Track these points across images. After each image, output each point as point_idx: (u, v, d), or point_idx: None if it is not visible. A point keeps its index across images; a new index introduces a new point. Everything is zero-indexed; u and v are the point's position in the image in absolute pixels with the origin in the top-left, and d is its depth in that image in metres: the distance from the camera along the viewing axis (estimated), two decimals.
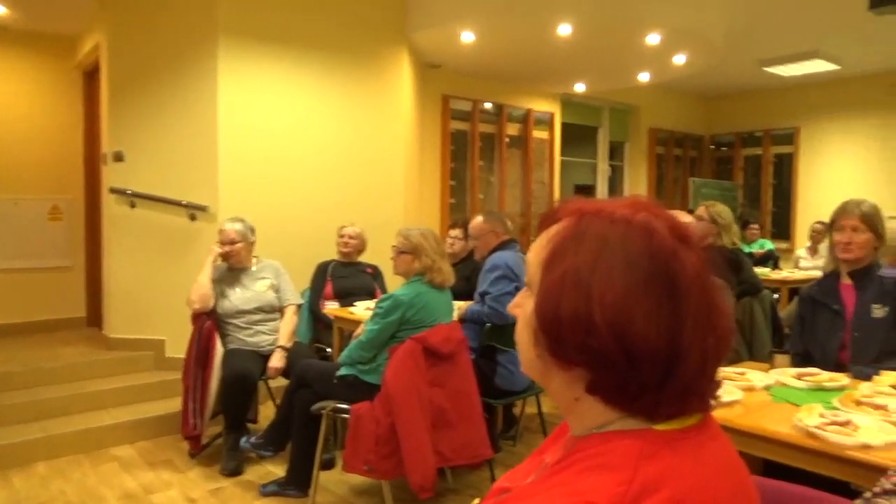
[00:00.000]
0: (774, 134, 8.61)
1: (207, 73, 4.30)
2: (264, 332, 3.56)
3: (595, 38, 5.16)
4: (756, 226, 7.43)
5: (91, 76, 5.19)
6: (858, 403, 1.77)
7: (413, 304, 2.81)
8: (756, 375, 2.11)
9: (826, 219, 7.15)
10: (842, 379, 2.08)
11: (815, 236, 6.60)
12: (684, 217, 3.61)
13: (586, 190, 8.53)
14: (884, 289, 2.50)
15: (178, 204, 4.29)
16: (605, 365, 0.69)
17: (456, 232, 4.42)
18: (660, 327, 0.68)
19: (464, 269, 4.19)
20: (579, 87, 7.00)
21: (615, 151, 8.51)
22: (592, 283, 0.69)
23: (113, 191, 4.40)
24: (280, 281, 3.70)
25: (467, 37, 5.10)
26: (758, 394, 1.98)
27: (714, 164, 9.31)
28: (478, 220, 3.78)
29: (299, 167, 4.68)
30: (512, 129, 7.03)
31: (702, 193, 8.29)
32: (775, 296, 6.08)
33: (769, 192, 8.67)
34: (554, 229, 0.76)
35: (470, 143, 6.67)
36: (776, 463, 1.68)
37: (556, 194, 7.43)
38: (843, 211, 2.57)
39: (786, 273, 5.98)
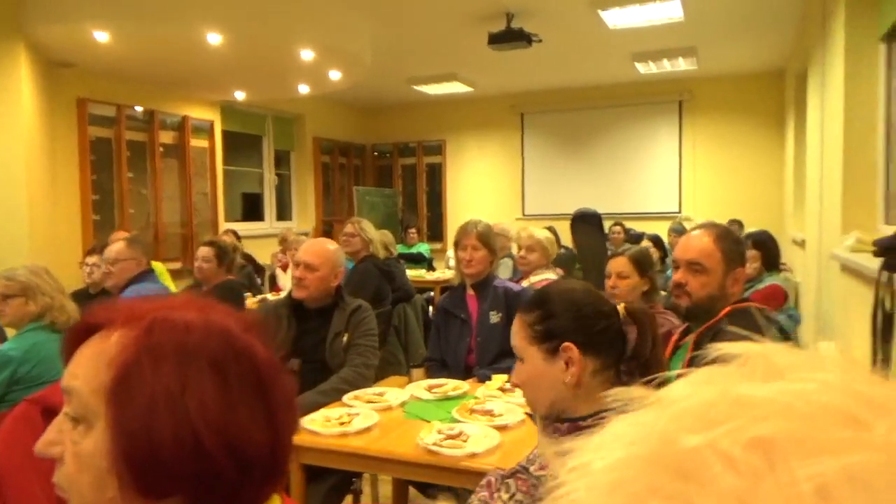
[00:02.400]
0: (426, 145, 9.52)
1: None
2: None
3: (248, 49, 5.05)
4: (414, 230, 8.11)
5: None
6: (472, 412, 2.02)
7: (27, 360, 2.40)
8: (393, 394, 2.27)
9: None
10: (463, 386, 2.36)
11: None
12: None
13: (254, 199, 8.35)
14: (498, 297, 2.92)
15: None
16: (214, 482, 0.64)
17: (94, 258, 3.92)
18: (261, 426, 0.67)
19: (106, 300, 3.74)
20: (239, 95, 6.80)
21: (281, 160, 8.49)
22: (188, 401, 0.63)
23: None
24: None
25: (101, 36, 4.54)
26: (394, 412, 2.14)
27: (376, 173, 9.93)
28: (119, 245, 3.41)
29: None
30: (167, 137, 6.51)
31: (366, 201, 8.76)
32: (431, 294, 6.75)
33: (424, 198, 9.56)
34: (110, 348, 0.66)
35: (116, 152, 5.99)
36: None
37: (221, 205, 7.13)
38: (464, 232, 2.93)
39: (438, 274, 6.63)
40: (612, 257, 2.72)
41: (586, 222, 4.25)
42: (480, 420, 1.95)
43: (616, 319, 1.24)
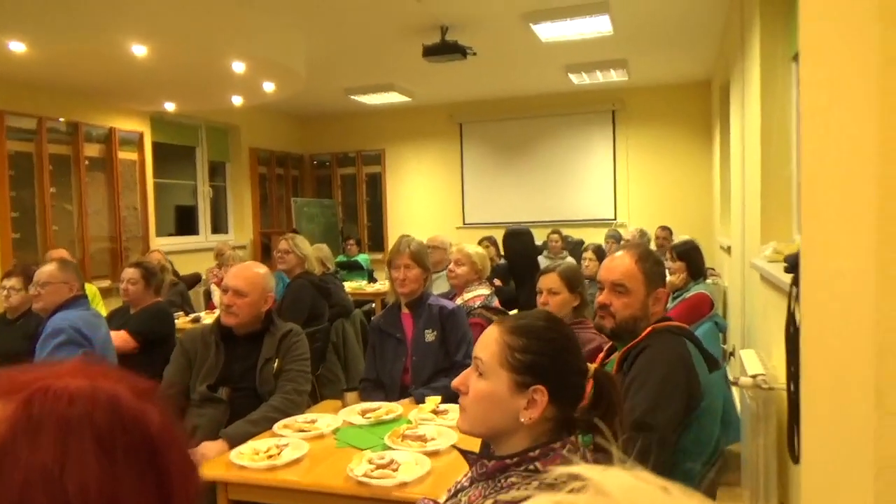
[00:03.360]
0: (365, 155, 9.47)
1: None
2: None
3: (176, 61, 4.92)
4: (353, 241, 8.05)
5: None
6: (404, 438, 2.01)
7: None
8: (325, 420, 2.24)
9: (407, 233, 7.94)
10: (397, 409, 2.35)
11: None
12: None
13: (188, 211, 8.12)
14: (432, 315, 2.92)
15: None
16: None
17: (12, 282, 3.73)
18: (150, 499, 0.64)
19: (25, 327, 3.57)
20: (170, 106, 6.61)
21: (217, 171, 8.29)
22: (66, 481, 0.59)
23: None
24: None
25: (16, 46, 4.34)
26: (326, 441, 2.11)
27: (315, 183, 9.80)
28: (51, 267, 3.24)
29: None
30: (92, 150, 6.27)
31: (304, 212, 8.65)
32: (372, 305, 6.70)
33: (364, 208, 9.50)
34: None
35: (37, 166, 5.73)
36: None
37: (152, 218, 6.90)
38: (397, 251, 2.92)
39: (379, 285, 6.60)
40: (542, 273, 2.75)
41: (517, 239, 4.30)
42: (412, 446, 1.94)
43: (586, 378, 1.23)
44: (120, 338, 3.61)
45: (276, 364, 2.42)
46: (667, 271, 4.40)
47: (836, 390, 0.83)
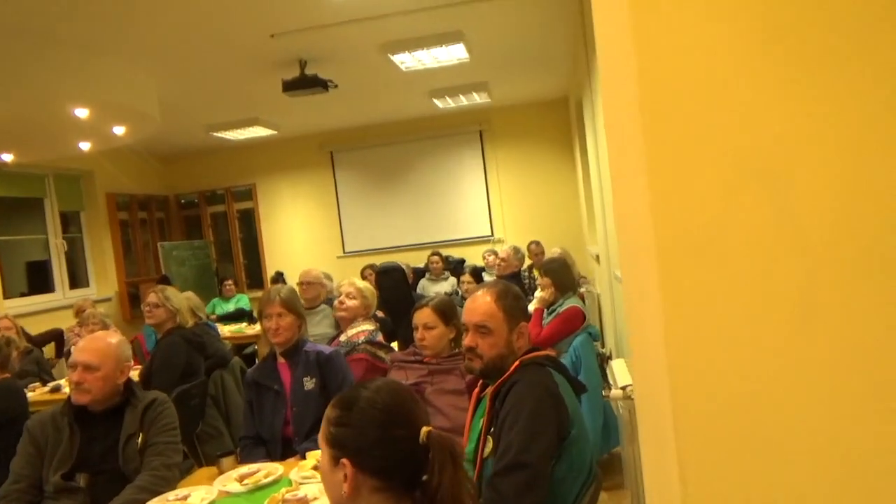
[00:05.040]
0: (235, 191, 9.14)
1: None
2: None
3: (10, 110, 4.52)
4: (230, 281, 7.72)
5: None
6: (284, 503, 1.92)
7: None
8: (199, 493, 2.11)
9: (286, 267, 7.72)
10: (277, 470, 2.25)
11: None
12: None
13: (41, 267, 7.45)
14: (310, 362, 2.84)
15: None
16: None
17: None
18: None
19: None
20: (7, 157, 6.06)
21: (70, 222, 7.68)
22: None
23: None
24: None
25: None
26: None
27: (184, 224, 9.33)
28: None
29: None
30: None
31: (174, 256, 8.20)
32: (255, 347, 6.45)
33: (239, 245, 9.16)
34: None
35: None
36: None
37: None
38: (267, 300, 2.82)
39: (258, 326, 6.34)
40: (416, 309, 2.75)
41: (388, 276, 4.30)
42: None
43: (411, 444, 1.20)
44: None
45: (140, 439, 2.25)
46: (538, 288, 4.56)
47: (648, 396, 0.88)
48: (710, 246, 0.69)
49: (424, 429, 1.21)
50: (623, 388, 2.54)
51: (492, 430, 1.78)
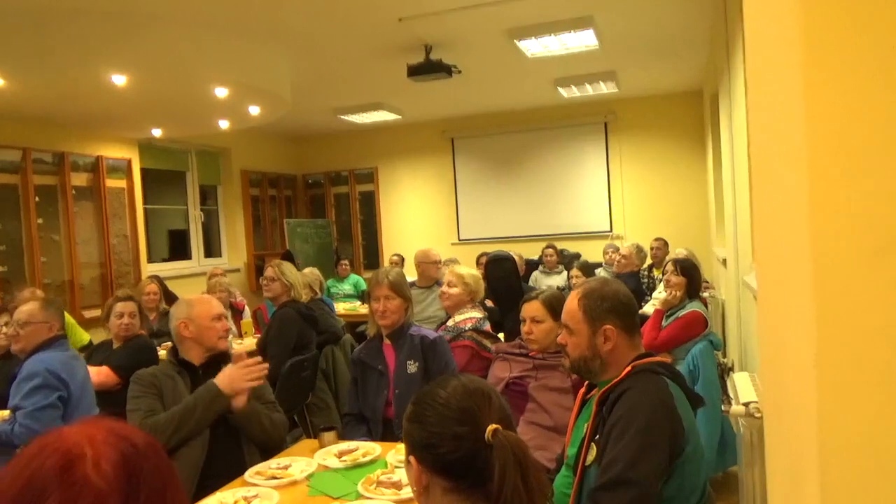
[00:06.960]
0: (358, 173, 9.41)
1: None
2: None
3: (157, 89, 4.87)
4: (346, 261, 7.97)
5: None
6: (378, 485, 1.92)
7: None
8: (299, 464, 2.16)
9: (402, 251, 7.84)
10: (375, 450, 2.26)
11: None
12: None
13: (181, 236, 8.06)
14: (414, 346, 2.84)
15: None
16: None
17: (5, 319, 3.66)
18: None
19: (8, 368, 3.49)
20: (157, 133, 6.57)
21: (208, 195, 8.24)
22: None
23: None
24: None
25: None
26: (298, 488, 2.02)
27: (309, 203, 9.74)
28: (32, 306, 3.15)
29: None
30: (79, 180, 6.22)
31: (298, 233, 8.58)
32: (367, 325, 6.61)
33: (358, 227, 9.44)
34: None
35: (23, 198, 5.68)
36: None
37: (143, 246, 6.84)
38: (376, 282, 2.84)
39: None
40: (525, 301, 2.67)
41: (498, 265, 4.22)
42: (385, 494, 1.86)
43: (474, 442, 1.13)
44: (102, 374, 3.55)
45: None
46: (661, 285, 4.31)
47: (783, 418, 0.77)
48: (882, 257, 0.56)
49: (491, 426, 1.13)
50: (746, 405, 2.33)
51: (597, 436, 1.67)
